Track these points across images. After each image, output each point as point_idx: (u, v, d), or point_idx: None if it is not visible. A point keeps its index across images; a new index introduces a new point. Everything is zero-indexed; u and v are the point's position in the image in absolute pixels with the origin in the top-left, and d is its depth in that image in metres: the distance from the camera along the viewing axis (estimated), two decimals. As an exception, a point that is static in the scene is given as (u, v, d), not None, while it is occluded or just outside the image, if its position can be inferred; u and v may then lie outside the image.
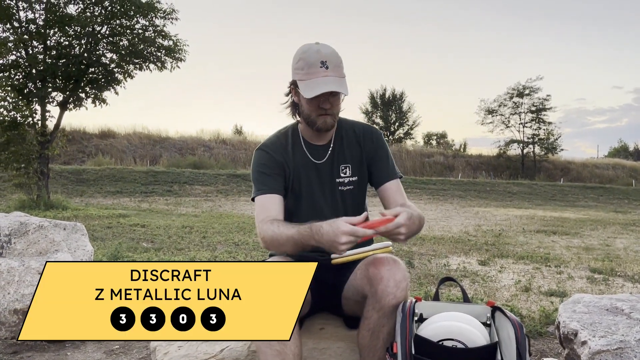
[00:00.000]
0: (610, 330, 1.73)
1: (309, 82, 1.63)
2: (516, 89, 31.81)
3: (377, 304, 1.54)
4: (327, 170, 1.80)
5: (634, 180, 29.37)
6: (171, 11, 11.42)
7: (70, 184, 15.15)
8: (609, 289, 4.13)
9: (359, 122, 1.91)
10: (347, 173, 1.81)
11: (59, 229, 2.88)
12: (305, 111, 1.73)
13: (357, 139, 1.83)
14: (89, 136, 23.87)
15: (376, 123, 37.26)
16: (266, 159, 1.78)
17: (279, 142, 1.82)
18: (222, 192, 15.98)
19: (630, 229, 9.59)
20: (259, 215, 1.71)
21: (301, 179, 1.79)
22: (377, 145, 1.83)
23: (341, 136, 1.83)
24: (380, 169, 1.82)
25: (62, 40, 11.15)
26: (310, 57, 1.64)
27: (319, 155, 1.81)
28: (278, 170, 1.77)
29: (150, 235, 6.46)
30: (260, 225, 1.67)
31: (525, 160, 31.50)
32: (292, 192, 1.79)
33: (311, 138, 1.81)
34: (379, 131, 1.88)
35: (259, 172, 1.77)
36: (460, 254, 5.81)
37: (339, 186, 1.81)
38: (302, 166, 1.79)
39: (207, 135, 27.17)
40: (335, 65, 1.65)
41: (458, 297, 3.43)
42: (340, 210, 1.80)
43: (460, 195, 19.41)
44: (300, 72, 1.66)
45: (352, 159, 1.82)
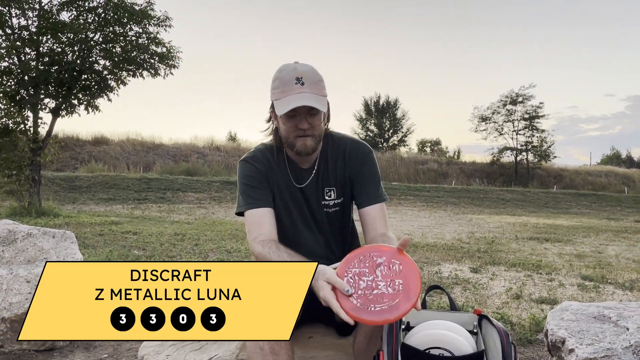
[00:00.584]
0: (597, 337, 1.74)
1: (283, 100, 1.58)
2: (509, 96, 32.05)
3: None
4: (312, 194, 1.76)
5: (627, 187, 29.56)
6: (165, 18, 11.44)
7: (63, 190, 15.08)
8: (600, 297, 4.14)
9: (350, 138, 1.82)
10: (332, 196, 1.77)
11: (48, 237, 2.86)
12: (283, 133, 1.66)
13: (344, 157, 1.76)
14: (82, 143, 23.82)
15: (370, 130, 37.41)
16: (252, 170, 1.73)
17: (264, 155, 1.76)
18: (215, 199, 15.94)
19: (622, 236, 9.63)
20: (251, 233, 1.66)
21: (288, 201, 1.75)
22: (363, 164, 1.76)
23: (326, 157, 1.76)
24: (363, 191, 1.74)
25: (55, 47, 11.13)
26: (285, 76, 1.60)
27: (304, 179, 1.75)
28: (265, 182, 1.72)
29: (142, 243, 6.42)
30: (252, 244, 1.63)
31: (518, 168, 31.67)
32: (277, 211, 1.74)
33: (296, 159, 1.75)
34: (368, 149, 1.79)
35: (246, 185, 1.71)
36: (452, 261, 5.82)
37: (324, 208, 1.77)
38: (287, 189, 1.75)
39: (201, 142, 27.17)
40: (313, 82, 1.60)
41: (446, 305, 3.44)
42: (327, 231, 1.79)
43: (453, 202, 19.46)
44: (276, 91, 1.61)
45: (336, 182, 1.76)
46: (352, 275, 1.35)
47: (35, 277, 2.56)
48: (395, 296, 1.30)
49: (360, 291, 1.32)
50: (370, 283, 1.33)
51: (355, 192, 1.76)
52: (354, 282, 1.33)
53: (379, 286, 1.32)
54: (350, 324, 1.28)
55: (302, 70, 1.60)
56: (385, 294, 1.30)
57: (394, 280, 1.32)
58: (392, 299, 1.29)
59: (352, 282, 1.33)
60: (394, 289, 1.31)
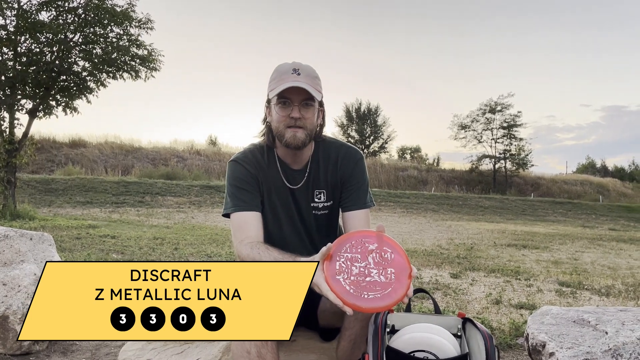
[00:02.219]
0: (577, 341, 1.76)
1: (277, 87, 1.60)
2: (488, 104, 32.52)
3: (359, 314, 1.54)
4: (302, 196, 1.76)
5: (601, 196, 30.16)
6: (147, 20, 11.33)
7: (38, 193, 14.80)
8: (577, 302, 4.21)
9: (342, 143, 1.83)
10: (322, 198, 1.77)
11: (25, 239, 2.80)
12: (274, 124, 1.67)
13: (335, 162, 1.77)
14: (59, 145, 23.43)
15: (351, 136, 37.51)
16: (242, 172, 1.71)
17: (254, 156, 1.75)
18: (195, 204, 15.81)
19: (597, 244, 9.82)
20: (238, 235, 1.64)
21: (277, 202, 1.75)
22: (354, 170, 1.77)
23: (318, 160, 1.77)
24: (351, 195, 1.76)
25: (33, 47, 10.93)
26: (282, 68, 1.63)
27: (295, 180, 1.75)
28: (255, 185, 1.71)
29: (121, 247, 6.33)
30: (238, 246, 1.61)
31: (496, 175, 32.09)
32: (265, 211, 1.74)
33: (287, 160, 1.75)
34: (360, 154, 1.81)
35: (235, 187, 1.70)
36: (432, 266, 5.86)
37: (313, 210, 1.77)
38: (277, 189, 1.74)
39: (181, 146, 26.95)
40: (309, 76, 1.63)
41: (430, 309, 3.46)
42: (314, 232, 1.79)
43: (433, 209, 19.62)
44: (272, 82, 1.64)
45: (326, 185, 1.77)
46: (344, 260, 1.36)
47: (12, 279, 2.50)
48: (388, 285, 1.32)
49: (353, 277, 1.33)
50: (363, 270, 1.34)
51: (343, 195, 1.77)
52: (347, 267, 1.34)
53: (371, 273, 1.33)
54: (340, 307, 1.29)
55: (299, 65, 1.63)
56: (378, 282, 1.32)
57: (387, 268, 1.34)
58: (385, 287, 1.31)
59: (344, 267, 1.34)
60: (386, 278, 1.32)
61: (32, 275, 2.56)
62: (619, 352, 1.66)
